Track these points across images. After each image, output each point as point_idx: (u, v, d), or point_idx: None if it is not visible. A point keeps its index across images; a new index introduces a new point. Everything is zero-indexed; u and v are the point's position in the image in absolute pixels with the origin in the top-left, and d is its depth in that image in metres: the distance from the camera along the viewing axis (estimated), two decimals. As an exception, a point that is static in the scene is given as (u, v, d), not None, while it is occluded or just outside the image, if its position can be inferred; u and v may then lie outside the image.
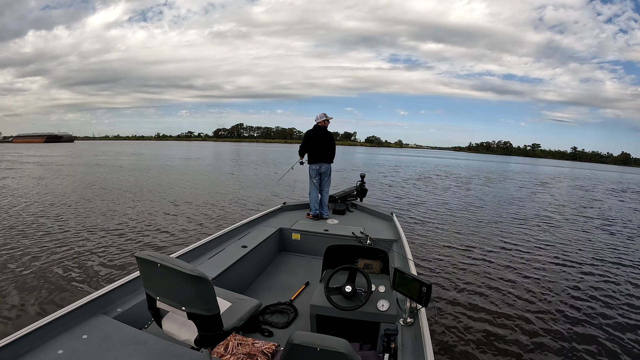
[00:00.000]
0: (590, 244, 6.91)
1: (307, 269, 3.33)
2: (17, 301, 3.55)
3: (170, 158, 29.95)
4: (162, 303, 1.36)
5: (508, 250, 6.08)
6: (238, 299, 1.64)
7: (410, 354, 1.66)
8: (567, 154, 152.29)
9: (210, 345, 1.41)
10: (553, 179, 26.66)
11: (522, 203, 12.03)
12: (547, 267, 5.25)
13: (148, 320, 1.92)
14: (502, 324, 3.50)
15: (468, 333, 3.29)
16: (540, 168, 47.26)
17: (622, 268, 5.42)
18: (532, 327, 3.46)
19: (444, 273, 4.76)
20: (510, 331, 3.36)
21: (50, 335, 1.57)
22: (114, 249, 5.26)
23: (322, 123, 4.44)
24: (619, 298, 4.25)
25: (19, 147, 57.72)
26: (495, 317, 3.61)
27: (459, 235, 6.91)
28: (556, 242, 6.87)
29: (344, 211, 4.68)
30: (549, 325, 3.51)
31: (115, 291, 1.98)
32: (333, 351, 0.98)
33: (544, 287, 4.46)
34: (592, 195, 16.57)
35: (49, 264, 4.53)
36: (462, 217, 8.77)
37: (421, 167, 31.00)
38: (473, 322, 3.49)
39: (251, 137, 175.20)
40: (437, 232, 7.10)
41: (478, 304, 3.89)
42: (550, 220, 9.09)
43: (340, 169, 20.94)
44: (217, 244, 3.04)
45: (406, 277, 1.87)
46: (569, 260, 5.65)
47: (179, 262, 1.26)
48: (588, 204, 13.07)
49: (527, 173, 31.71)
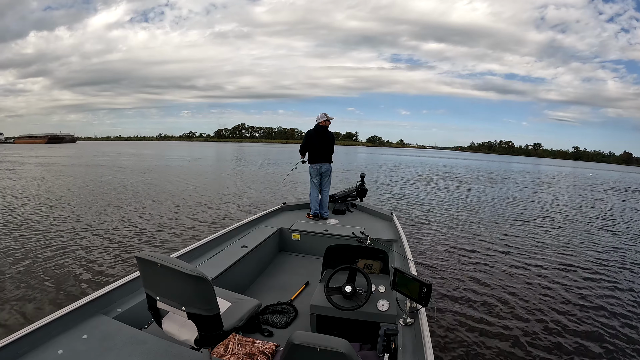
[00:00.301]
0: (591, 242, 6.91)
1: (307, 269, 3.33)
2: (17, 301, 3.55)
3: (172, 159, 29.98)
4: (162, 303, 1.36)
5: (508, 250, 6.07)
6: (238, 299, 1.64)
7: (410, 354, 1.66)
8: (569, 153, 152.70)
9: (210, 345, 1.40)
10: (553, 178, 26.66)
11: (523, 203, 12.02)
12: (547, 267, 5.24)
13: (148, 321, 1.92)
14: (502, 324, 3.49)
15: (468, 333, 3.29)
16: (542, 168, 47.20)
17: (623, 272, 5.41)
18: (532, 326, 3.46)
19: (444, 273, 4.76)
20: (510, 331, 3.36)
21: (50, 335, 1.57)
22: (114, 249, 5.26)
23: (323, 123, 4.44)
24: (621, 297, 4.25)
25: (21, 147, 57.82)
26: (495, 317, 3.61)
27: (459, 235, 6.90)
28: (557, 242, 6.87)
29: (344, 211, 4.68)
30: (549, 324, 3.51)
31: (115, 291, 1.98)
32: (333, 351, 0.98)
33: (544, 287, 4.45)
34: (594, 194, 16.55)
35: (49, 264, 4.54)
36: (462, 217, 8.77)
37: (421, 167, 30.99)
38: (473, 322, 3.49)
39: (253, 137, 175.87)
40: (437, 232, 7.09)
41: (478, 304, 3.89)
42: (551, 220, 9.08)
43: (341, 169, 20.95)
44: (217, 244, 3.05)
45: (406, 277, 1.87)
46: (569, 261, 5.64)
47: (179, 262, 1.26)
48: (590, 203, 13.05)
49: (528, 173, 31.68)
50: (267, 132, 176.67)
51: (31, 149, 47.22)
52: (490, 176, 23.95)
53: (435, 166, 33.33)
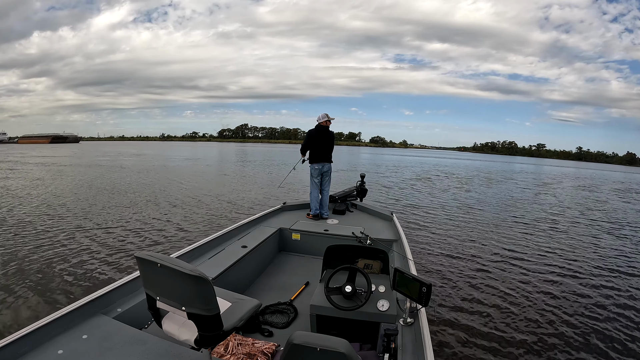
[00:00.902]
0: (592, 242, 6.90)
1: (307, 269, 3.32)
2: (17, 301, 3.55)
3: (173, 159, 30.01)
4: (162, 303, 1.36)
5: (509, 250, 6.06)
6: (238, 299, 1.64)
7: (410, 354, 1.66)
8: (572, 154, 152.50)
9: (210, 345, 1.41)
10: (554, 178, 26.57)
11: (524, 204, 12.01)
12: (548, 268, 5.23)
13: (148, 320, 1.92)
14: (502, 324, 3.49)
15: (468, 333, 3.29)
16: (545, 168, 46.91)
17: (624, 276, 5.40)
18: (532, 326, 3.46)
19: (444, 273, 4.76)
20: (510, 331, 3.36)
21: (50, 335, 1.57)
22: (114, 249, 5.26)
23: (324, 123, 4.46)
24: (617, 297, 4.24)
25: (24, 147, 57.92)
26: (495, 317, 3.61)
27: (460, 235, 6.90)
28: (558, 243, 6.86)
29: (344, 211, 4.68)
30: (549, 324, 3.51)
31: (115, 291, 1.98)
32: (333, 351, 0.98)
33: (544, 287, 4.45)
34: (598, 195, 16.50)
35: (48, 264, 4.54)
36: (462, 218, 8.76)
37: (422, 167, 30.97)
38: (473, 322, 3.48)
39: (256, 137, 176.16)
40: (437, 232, 7.09)
41: (478, 304, 3.89)
42: (551, 221, 9.07)
43: (342, 169, 20.94)
44: (217, 244, 3.05)
45: (406, 277, 1.87)
46: (570, 261, 5.63)
47: (179, 262, 1.26)
48: (594, 205, 13.00)
49: (530, 173, 31.55)
50: (270, 132, 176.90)
51: (34, 149, 47.33)
52: (491, 177, 23.89)
53: (436, 167, 33.27)
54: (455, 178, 21.03)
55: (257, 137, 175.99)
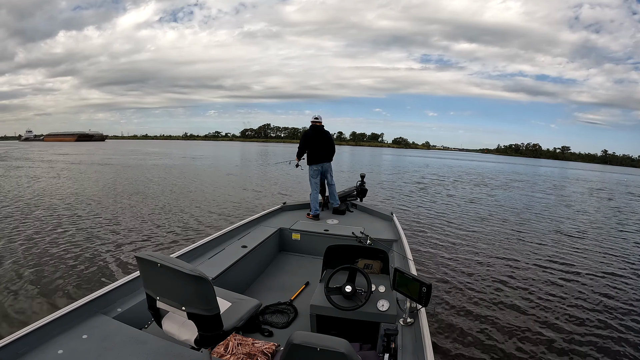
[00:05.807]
0: (604, 238, 6.90)
1: (307, 269, 3.33)
2: (17, 301, 3.55)
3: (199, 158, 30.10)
4: (162, 303, 1.37)
5: (510, 250, 6.06)
6: (238, 299, 1.64)
7: (410, 354, 1.66)
8: (598, 157, 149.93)
9: (210, 345, 1.41)
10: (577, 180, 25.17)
11: (535, 206, 11.75)
12: (549, 268, 5.23)
13: (148, 320, 1.92)
14: (502, 324, 3.49)
15: (468, 333, 3.29)
16: (569, 172, 43.87)
17: (624, 280, 5.40)
18: (532, 326, 3.46)
19: (444, 273, 4.75)
20: (510, 331, 3.36)
21: (50, 335, 1.57)
22: (114, 248, 5.25)
23: (318, 123, 4.53)
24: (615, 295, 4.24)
25: (51, 145, 58.73)
26: (495, 317, 3.61)
27: (460, 235, 6.89)
28: (560, 244, 6.86)
29: (344, 211, 4.68)
30: (549, 325, 3.51)
31: (115, 291, 1.98)
32: (333, 351, 0.98)
33: (545, 287, 4.45)
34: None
35: (48, 264, 4.53)
36: (462, 217, 8.76)
37: (442, 169, 30.68)
38: (473, 323, 3.48)
39: (278, 137, 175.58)
40: (437, 231, 7.09)
41: (479, 304, 3.89)
42: (555, 225, 9.06)
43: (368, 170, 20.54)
44: (217, 244, 3.05)
45: (406, 277, 1.87)
46: (573, 264, 5.62)
47: (179, 262, 1.26)
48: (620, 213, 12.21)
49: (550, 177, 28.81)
50: (292, 132, 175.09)
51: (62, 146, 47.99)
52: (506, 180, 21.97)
53: (448, 168, 32.21)
54: (467, 180, 20.03)
55: (279, 137, 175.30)
